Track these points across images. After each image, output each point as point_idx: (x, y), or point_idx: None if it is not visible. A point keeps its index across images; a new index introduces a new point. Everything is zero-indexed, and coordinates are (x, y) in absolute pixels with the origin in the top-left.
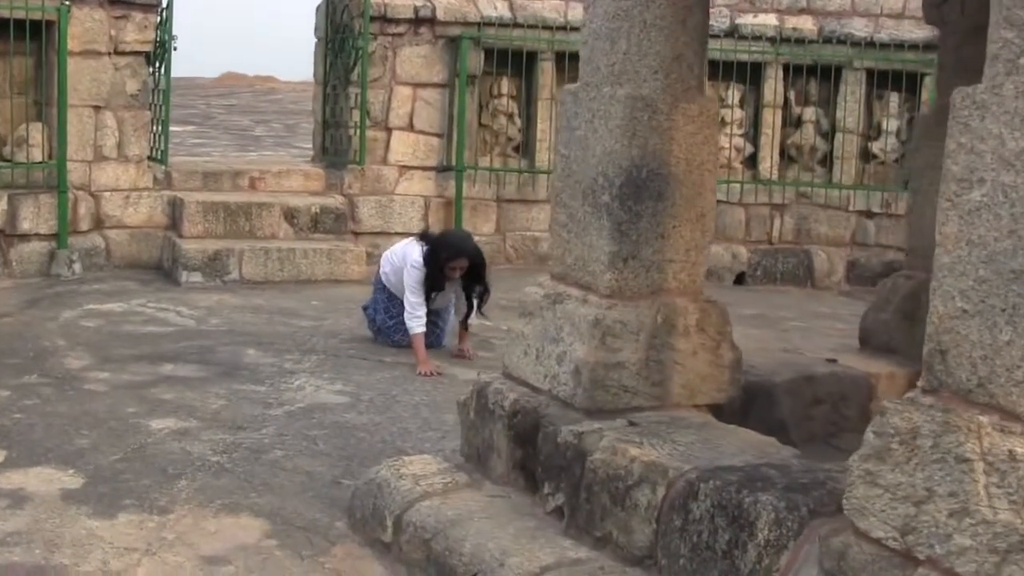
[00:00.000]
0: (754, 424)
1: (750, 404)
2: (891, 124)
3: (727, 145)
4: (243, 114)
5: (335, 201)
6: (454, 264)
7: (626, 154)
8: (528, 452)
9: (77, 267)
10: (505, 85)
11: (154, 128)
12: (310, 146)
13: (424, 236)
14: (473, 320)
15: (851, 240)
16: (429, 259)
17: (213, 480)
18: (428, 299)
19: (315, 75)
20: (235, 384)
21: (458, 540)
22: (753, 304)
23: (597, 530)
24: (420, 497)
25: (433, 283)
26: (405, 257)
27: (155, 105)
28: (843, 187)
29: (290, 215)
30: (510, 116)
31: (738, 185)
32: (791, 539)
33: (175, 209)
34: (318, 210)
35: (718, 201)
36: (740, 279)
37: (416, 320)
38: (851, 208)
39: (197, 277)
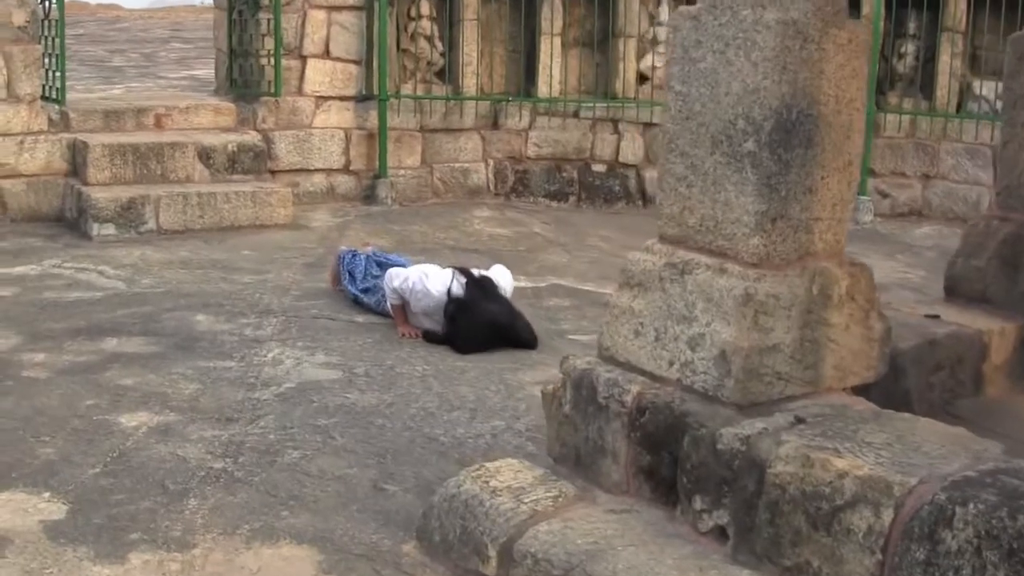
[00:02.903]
0: (878, 396)
1: None
2: None
3: (660, 64)
4: (94, 44)
5: (252, 138)
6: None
7: (776, 92)
8: (661, 458)
9: None
10: (425, 6)
11: (47, 64)
12: (177, 76)
13: (466, 276)
14: None
15: None
16: (450, 322)
17: (228, 496)
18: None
19: (216, 0)
20: (199, 360)
21: None
22: None
23: (786, 558)
24: (530, 519)
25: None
26: (438, 282)
27: (47, 38)
28: None
29: (205, 155)
30: (430, 39)
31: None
32: None
33: (77, 153)
34: (235, 148)
35: (653, 124)
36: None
37: (391, 301)
38: None
39: (110, 229)
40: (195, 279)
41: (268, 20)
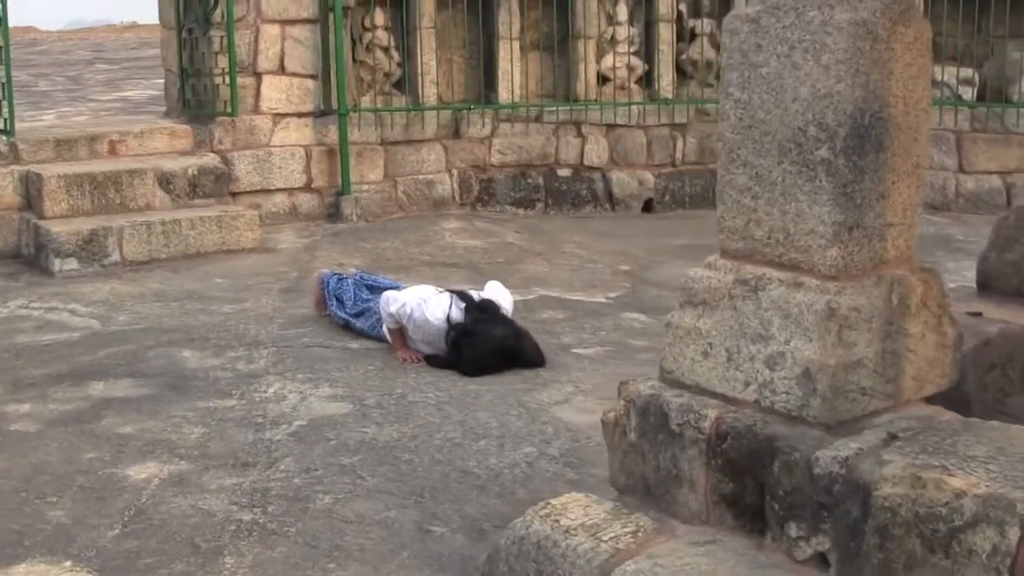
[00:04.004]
0: (939, 402)
1: None
2: None
3: (620, 65)
4: (16, 69)
5: (212, 160)
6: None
7: (850, 96)
8: (745, 484)
9: None
10: (379, 16)
11: None
12: (108, 98)
13: (465, 300)
14: None
15: None
16: (453, 347)
17: (266, 551)
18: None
19: (162, 19)
20: (196, 401)
21: None
22: (674, 233)
23: None
24: (612, 558)
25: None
26: (437, 308)
27: None
28: None
29: (165, 181)
30: (386, 50)
31: (636, 107)
32: None
33: (30, 186)
34: (196, 172)
35: (616, 125)
36: (648, 206)
37: (388, 326)
38: None
39: (72, 264)
40: (172, 312)
41: (221, 37)
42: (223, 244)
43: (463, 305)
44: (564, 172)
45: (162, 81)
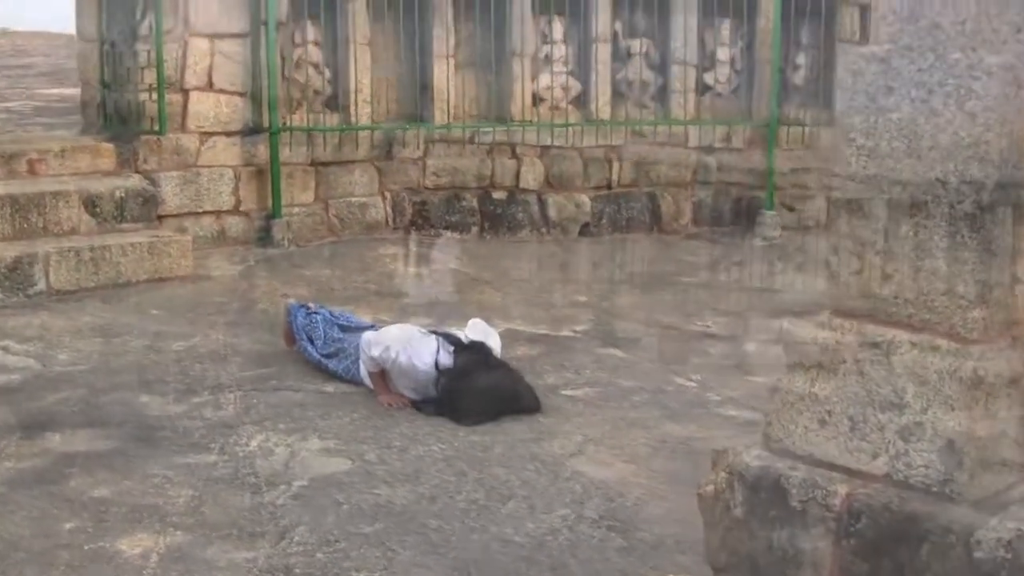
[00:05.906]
0: None
1: None
2: (725, 53)
3: (556, 84)
4: None
5: (139, 181)
6: None
7: (996, 146)
8: (881, 566)
9: None
10: (311, 31)
11: None
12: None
13: (453, 344)
14: None
15: (692, 179)
16: (444, 393)
17: None
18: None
19: (81, 32)
20: (172, 456)
21: None
22: (619, 260)
23: None
24: None
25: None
26: (423, 353)
27: None
28: (680, 122)
29: (91, 203)
30: (317, 66)
31: (571, 129)
32: None
33: None
34: (123, 195)
35: (550, 147)
36: (584, 230)
37: (369, 369)
38: (689, 144)
39: None
40: (116, 350)
41: (147, 51)
42: (155, 272)
43: (451, 348)
44: (499, 195)
45: (47, 91)
